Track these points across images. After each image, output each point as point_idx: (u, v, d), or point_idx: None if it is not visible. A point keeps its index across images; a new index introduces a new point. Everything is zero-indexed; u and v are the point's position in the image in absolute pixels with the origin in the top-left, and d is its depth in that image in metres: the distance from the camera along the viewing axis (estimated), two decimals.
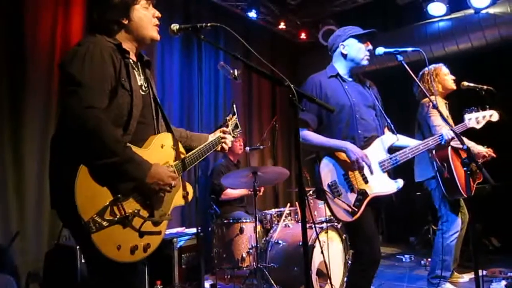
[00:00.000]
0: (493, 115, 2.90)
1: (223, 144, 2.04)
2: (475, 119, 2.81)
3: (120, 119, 1.57)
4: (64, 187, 1.41)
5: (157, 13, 1.78)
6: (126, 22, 1.69)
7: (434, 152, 3.35)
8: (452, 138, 2.47)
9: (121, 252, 1.47)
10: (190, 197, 1.83)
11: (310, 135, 2.36)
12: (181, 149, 1.84)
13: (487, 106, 2.92)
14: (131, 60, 1.70)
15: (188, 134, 2.02)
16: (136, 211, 1.54)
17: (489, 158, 3.47)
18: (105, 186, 1.46)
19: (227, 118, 2.18)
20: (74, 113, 1.42)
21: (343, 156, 2.29)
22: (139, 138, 1.64)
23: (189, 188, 1.83)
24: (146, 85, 1.74)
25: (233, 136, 2.12)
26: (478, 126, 2.89)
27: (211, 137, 2.03)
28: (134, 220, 1.53)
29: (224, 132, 2.06)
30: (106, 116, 1.48)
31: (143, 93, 1.70)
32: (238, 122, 2.20)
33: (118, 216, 1.48)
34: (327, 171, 2.31)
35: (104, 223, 1.43)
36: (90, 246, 1.40)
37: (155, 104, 1.78)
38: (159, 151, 1.70)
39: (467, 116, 2.90)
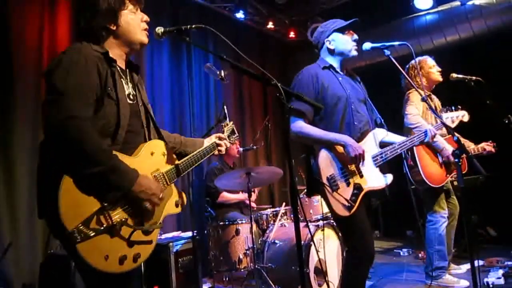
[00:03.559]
0: (465, 116, 3.01)
1: (219, 148, 2.03)
2: (451, 118, 2.87)
3: (108, 129, 1.55)
4: (49, 196, 1.38)
5: (145, 17, 1.77)
6: (114, 28, 1.67)
7: None
8: (435, 135, 2.51)
9: (109, 262, 1.44)
10: (183, 205, 1.79)
11: (307, 128, 2.28)
12: (173, 155, 1.81)
13: (459, 107, 2.97)
14: (118, 68, 1.67)
15: (183, 140, 2.00)
16: (124, 220, 1.50)
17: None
18: (91, 195, 1.43)
19: (223, 124, 2.18)
20: (55, 123, 1.40)
21: (340, 149, 2.25)
22: (129, 147, 1.62)
23: (183, 196, 1.79)
24: (134, 93, 1.71)
25: (229, 142, 2.12)
26: (453, 125, 2.95)
27: (206, 142, 2.02)
28: (122, 230, 1.50)
29: (220, 138, 2.05)
30: (91, 126, 1.46)
31: (130, 101, 1.67)
32: (235, 128, 2.19)
33: (105, 225, 1.44)
34: (326, 164, 2.24)
35: (90, 233, 1.40)
36: (76, 256, 1.38)
37: (145, 112, 1.75)
38: (148, 159, 1.67)
39: (444, 115, 2.95)
